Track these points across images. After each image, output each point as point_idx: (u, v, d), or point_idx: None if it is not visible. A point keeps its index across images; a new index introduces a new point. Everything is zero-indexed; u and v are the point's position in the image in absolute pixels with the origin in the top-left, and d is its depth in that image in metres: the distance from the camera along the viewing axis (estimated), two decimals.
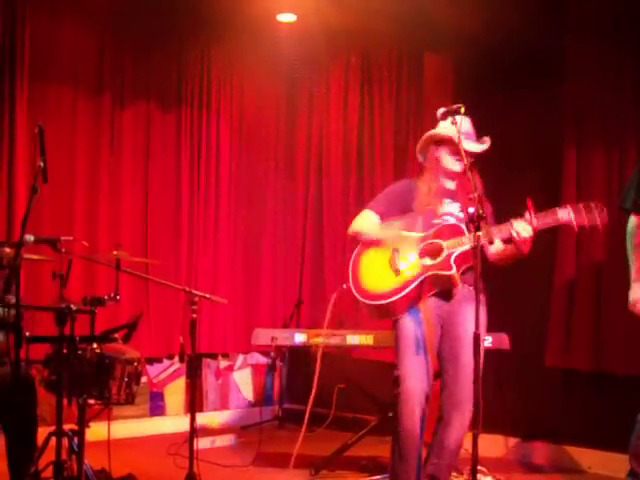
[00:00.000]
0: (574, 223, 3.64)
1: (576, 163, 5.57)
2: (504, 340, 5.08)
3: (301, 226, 7.38)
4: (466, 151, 3.77)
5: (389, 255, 3.95)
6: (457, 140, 3.71)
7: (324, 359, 6.02)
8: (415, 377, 3.84)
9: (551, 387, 5.73)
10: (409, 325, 3.89)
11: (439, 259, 3.83)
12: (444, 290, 3.91)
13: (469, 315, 3.69)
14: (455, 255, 3.80)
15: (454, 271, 3.79)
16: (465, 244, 3.78)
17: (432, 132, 4.07)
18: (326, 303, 5.24)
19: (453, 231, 3.87)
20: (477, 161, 3.92)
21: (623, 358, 5.10)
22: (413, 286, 3.85)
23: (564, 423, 5.63)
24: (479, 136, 4.03)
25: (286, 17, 6.48)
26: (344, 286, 4.12)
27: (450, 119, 3.72)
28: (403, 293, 3.85)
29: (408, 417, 3.84)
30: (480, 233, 3.41)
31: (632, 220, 4.04)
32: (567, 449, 5.62)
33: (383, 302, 3.89)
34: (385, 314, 3.98)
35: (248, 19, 6.40)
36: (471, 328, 3.46)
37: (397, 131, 6.74)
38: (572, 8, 5.58)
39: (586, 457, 5.50)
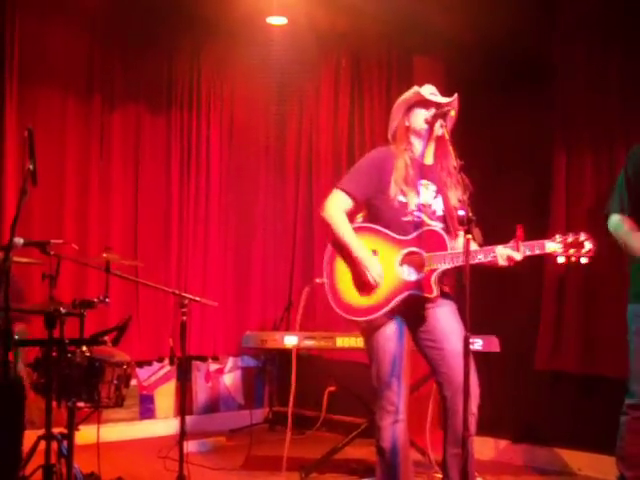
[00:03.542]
0: (562, 259, 3.53)
1: (566, 166, 5.59)
2: (494, 342, 5.08)
3: (291, 228, 7.37)
4: (435, 103, 3.75)
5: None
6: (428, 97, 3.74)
7: (315, 362, 6.04)
8: (396, 385, 3.76)
9: (541, 389, 5.74)
10: (388, 332, 3.77)
11: (420, 275, 3.70)
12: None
13: (442, 310, 3.76)
14: (437, 274, 3.68)
15: (435, 294, 3.68)
16: (447, 263, 3.66)
17: (400, 100, 3.95)
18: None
19: (436, 242, 3.71)
20: (467, 163, 3.88)
21: (612, 360, 5.11)
22: (392, 305, 3.71)
23: (554, 425, 5.64)
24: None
25: (276, 19, 6.48)
26: (317, 280, 4.01)
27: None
28: (381, 312, 3.72)
29: (388, 428, 3.78)
30: (469, 236, 3.30)
31: (615, 217, 4.06)
32: (557, 451, 5.63)
33: (361, 319, 3.78)
34: (361, 325, 3.88)
35: (238, 22, 6.40)
36: (447, 320, 3.64)
37: (387, 133, 6.72)
38: (561, 12, 5.59)
39: (576, 459, 5.51)
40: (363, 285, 3.76)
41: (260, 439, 6.22)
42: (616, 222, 4.06)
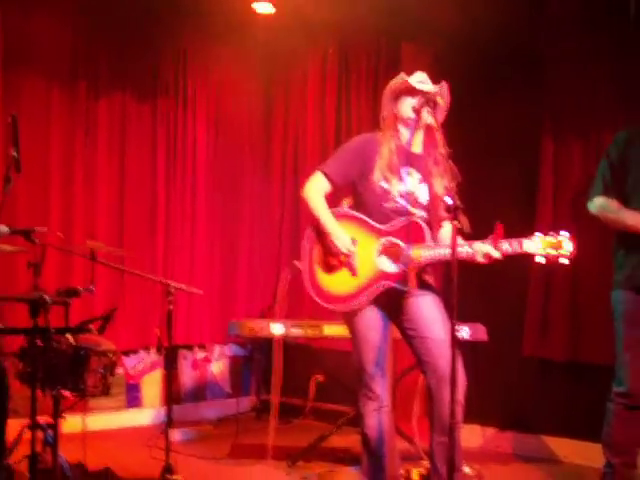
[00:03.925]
0: (541, 259, 3.46)
1: (554, 155, 5.59)
2: (481, 330, 5.08)
3: (278, 215, 7.34)
4: (422, 91, 3.74)
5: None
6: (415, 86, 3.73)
7: (302, 350, 6.03)
8: (378, 374, 3.78)
9: (528, 377, 5.75)
10: (369, 320, 3.79)
11: (397, 266, 3.70)
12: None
13: (424, 299, 3.75)
14: (414, 266, 3.67)
15: (411, 286, 3.68)
16: (426, 256, 3.65)
17: (388, 87, 3.94)
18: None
19: (416, 233, 3.70)
20: (455, 152, 3.87)
21: (600, 347, 5.13)
22: (367, 295, 3.72)
23: (541, 413, 5.66)
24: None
25: (263, 8, 6.44)
26: (295, 263, 4.00)
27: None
28: (356, 302, 3.73)
29: (372, 415, 3.80)
30: (456, 223, 3.26)
31: (599, 199, 4.07)
32: (543, 439, 5.65)
33: (337, 308, 3.80)
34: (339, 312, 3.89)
35: (225, 10, 6.37)
36: (430, 308, 3.68)
37: (375, 123, 6.69)
38: (551, 2, 5.58)
39: (562, 447, 5.54)
40: (333, 260, 3.77)
41: (247, 428, 6.22)
42: (601, 203, 4.06)
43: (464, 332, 4.96)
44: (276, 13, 6.46)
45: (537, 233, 3.44)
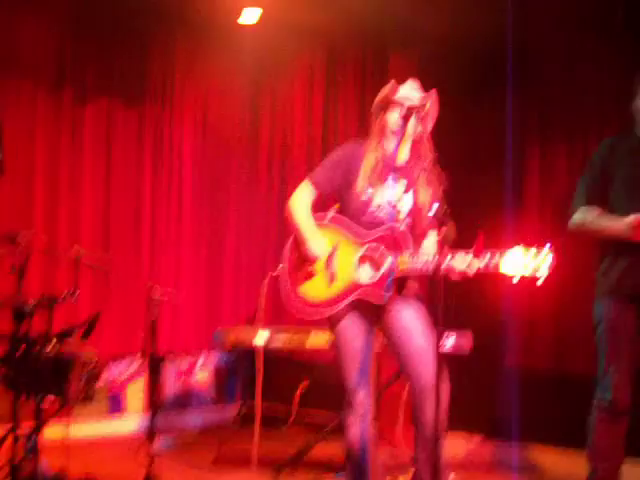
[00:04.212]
0: (516, 280, 3.43)
1: (539, 162, 5.61)
2: (468, 338, 5.07)
3: (265, 224, 7.33)
4: (409, 100, 3.73)
5: (328, 250, 3.79)
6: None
7: (288, 358, 6.01)
8: (361, 383, 3.76)
9: (511, 386, 5.75)
10: (352, 329, 3.77)
11: (374, 278, 3.68)
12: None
13: (406, 308, 3.74)
14: (392, 278, 3.64)
15: (388, 295, 3.65)
16: (408, 265, 3.61)
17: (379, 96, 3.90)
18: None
19: (399, 241, 3.68)
20: (442, 159, 3.86)
21: (583, 357, 5.13)
22: (344, 303, 3.71)
23: (525, 422, 5.66)
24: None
25: (251, 15, 6.43)
26: (280, 267, 4.00)
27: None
28: (333, 309, 3.73)
29: (355, 424, 3.79)
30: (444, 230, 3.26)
31: (578, 213, 4.05)
32: (528, 447, 5.65)
33: (313, 315, 3.79)
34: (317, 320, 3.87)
35: (213, 16, 6.36)
36: (411, 318, 3.67)
37: (361, 131, 6.71)
38: (534, 7, 5.60)
39: (547, 455, 5.54)
40: (310, 267, 3.78)
41: (231, 436, 6.17)
42: (580, 216, 4.04)
43: (450, 340, 4.94)
44: (264, 20, 6.46)
45: (518, 247, 3.40)
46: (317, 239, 3.79)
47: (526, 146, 5.66)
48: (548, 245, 3.38)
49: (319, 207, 3.97)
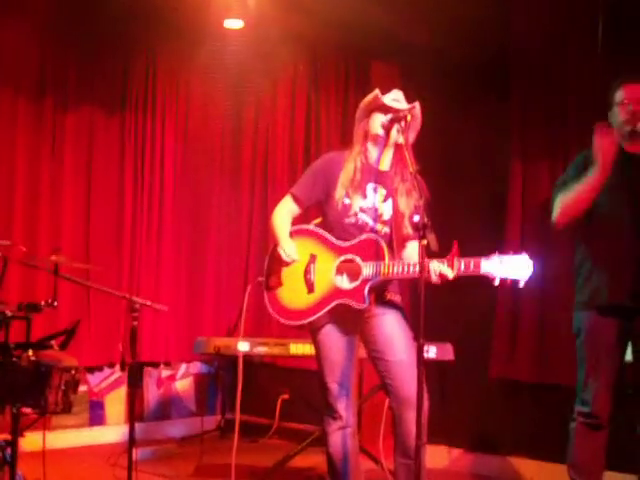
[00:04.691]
0: (497, 282, 3.40)
1: (522, 173, 5.61)
2: (448, 350, 5.06)
3: (246, 234, 7.31)
4: (393, 108, 3.71)
5: (305, 260, 3.78)
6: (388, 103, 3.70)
7: (268, 369, 5.98)
8: (342, 393, 3.74)
9: (494, 398, 5.74)
10: (332, 339, 3.76)
11: (354, 284, 3.64)
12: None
13: (386, 318, 3.71)
14: (370, 284, 3.60)
15: (366, 304, 3.61)
16: (387, 274, 3.56)
17: (362, 103, 3.87)
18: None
19: (375, 250, 3.63)
20: (423, 170, 3.84)
21: (566, 369, 5.12)
22: (323, 312, 3.69)
23: (507, 434, 5.65)
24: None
25: (233, 23, 6.41)
26: (260, 279, 3.99)
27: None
28: (312, 318, 3.72)
29: (335, 435, 3.78)
30: (425, 242, 3.20)
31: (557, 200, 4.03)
32: (510, 460, 5.63)
33: (292, 323, 3.78)
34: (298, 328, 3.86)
35: (195, 24, 6.33)
36: (391, 328, 3.65)
37: (344, 139, 6.71)
38: (516, 17, 5.61)
39: (529, 468, 5.52)
40: (289, 276, 3.78)
41: (212, 447, 6.14)
42: (558, 199, 4.00)
43: (431, 352, 4.93)
44: (246, 29, 6.44)
45: (497, 253, 3.38)
46: (287, 242, 3.81)
47: (510, 156, 5.65)
48: (525, 253, 3.37)
49: (302, 219, 3.97)
